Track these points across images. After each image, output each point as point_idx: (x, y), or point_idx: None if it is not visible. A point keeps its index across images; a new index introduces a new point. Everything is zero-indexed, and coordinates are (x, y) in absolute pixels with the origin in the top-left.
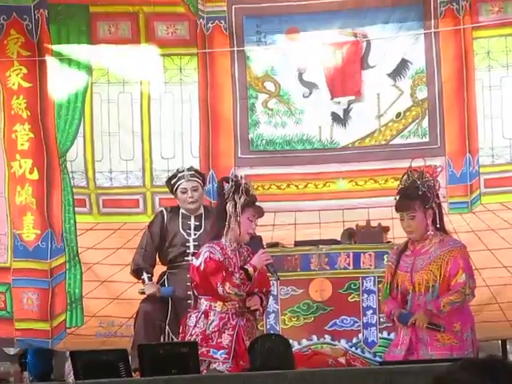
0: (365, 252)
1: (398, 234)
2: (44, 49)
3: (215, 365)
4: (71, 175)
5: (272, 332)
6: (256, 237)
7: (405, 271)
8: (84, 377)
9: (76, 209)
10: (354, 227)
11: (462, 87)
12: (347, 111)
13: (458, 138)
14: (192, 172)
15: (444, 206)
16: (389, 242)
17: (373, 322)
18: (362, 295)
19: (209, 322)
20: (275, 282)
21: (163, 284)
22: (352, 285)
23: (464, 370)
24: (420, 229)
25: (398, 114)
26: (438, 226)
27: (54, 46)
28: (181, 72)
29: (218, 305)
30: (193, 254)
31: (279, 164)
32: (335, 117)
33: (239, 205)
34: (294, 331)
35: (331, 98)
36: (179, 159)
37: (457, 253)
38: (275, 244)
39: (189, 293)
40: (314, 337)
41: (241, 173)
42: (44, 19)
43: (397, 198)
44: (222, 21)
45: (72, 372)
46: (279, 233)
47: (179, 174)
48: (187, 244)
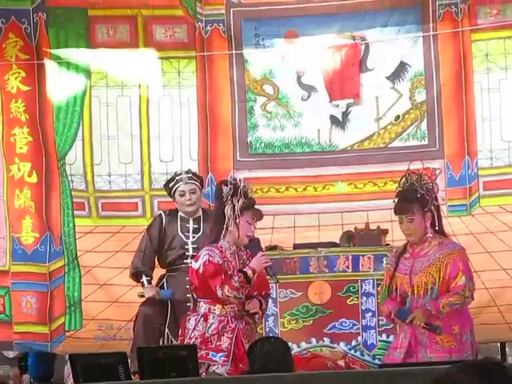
0: (364, 255)
1: (397, 237)
2: (43, 52)
3: (214, 367)
4: (70, 178)
5: (271, 335)
6: (254, 239)
7: (404, 274)
8: (83, 380)
9: (75, 212)
10: (353, 230)
11: (461, 90)
12: (346, 114)
13: (457, 141)
14: (190, 175)
15: (443, 209)
16: (388, 245)
17: (372, 325)
18: (361, 298)
19: (208, 325)
20: (274, 285)
21: (162, 287)
22: (351, 287)
23: (463, 373)
24: (419, 231)
25: (397, 117)
26: (437, 229)
27: (53, 50)
28: (179, 75)
29: (217, 308)
30: (192, 257)
31: (278, 167)
32: (334, 120)
33: (237, 207)
34: (293, 334)
35: (330, 101)
36: (178, 162)
37: (456, 255)
38: (274, 247)
39: (188, 296)
40: (313, 339)
41: (239, 176)
42: (43, 22)
43: (395, 201)
44: (221, 24)
45: (71, 375)
46: (278, 236)
47: (177, 177)
48: (186, 247)
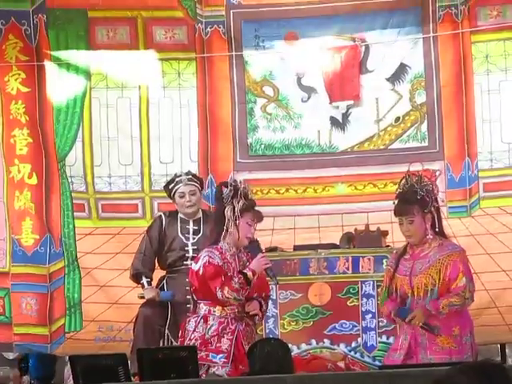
0: (364, 256)
1: (397, 238)
2: (42, 54)
3: (214, 369)
4: (70, 180)
5: (271, 336)
6: (254, 241)
7: (404, 275)
8: (83, 381)
9: (75, 213)
10: (353, 231)
11: (461, 91)
12: (346, 116)
13: (457, 143)
14: (190, 176)
15: (443, 211)
16: (388, 246)
17: (372, 326)
18: (361, 299)
19: (208, 327)
20: (274, 287)
21: (162, 288)
22: (351, 289)
23: (463, 374)
24: (419, 233)
25: (397, 119)
26: (437, 230)
27: (53, 51)
28: (179, 76)
29: (217, 309)
30: (192, 258)
31: (278, 168)
32: (334, 121)
33: (237, 209)
34: (293, 335)
35: (330, 103)
36: (178, 164)
37: (456, 257)
38: (274, 248)
39: (188, 297)
40: (313, 341)
41: (239, 177)
42: (43, 24)
43: (395, 203)
44: (221, 25)
45: (71, 377)
46: (278, 237)
47: (177, 179)
48: (186, 248)
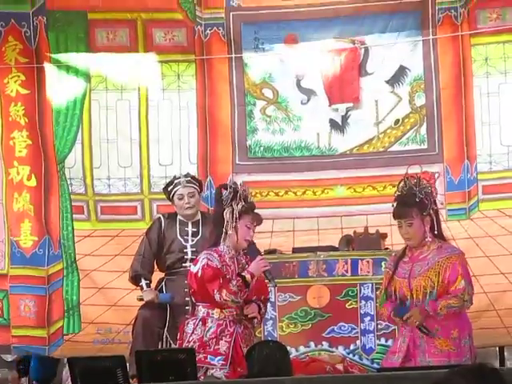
0: (363, 259)
1: (396, 241)
2: (42, 56)
3: (213, 371)
4: (69, 182)
5: (270, 339)
6: (251, 243)
7: (402, 277)
8: (81, 383)
9: (74, 215)
10: (352, 234)
11: (460, 94)
12: (345, 118)
13: (456, 145)
14: (188, 178)
15: (442, 213)
16: (387, 249)
17: (370, 329)
18: (360, 302)
19: (206, 329)
20: (273, 289)
21: (161, 290)
22: (350, 291)
23: (461, 377)
24: (418, 236)
25: (397, 121)
26: (436, 233)
27: (52, 53)
28: (179, 79)
29: (216, 312)
30: (190, 260)
31: (277, 171)
32: (333, 124)
33: (236, 211)
34: (292, 338)
35: (329, 105)
36: (177, 166)
37: (455, 259)
38: (273, 251)
39: (187, 299)
40: (312, 343)
41: (238, 179)
42: (42, 26)
43: (394, 205)
44: (220, 27)
45: (69, 379)
46: (277, 239)
47: (176, 181)
48: (185, 250)
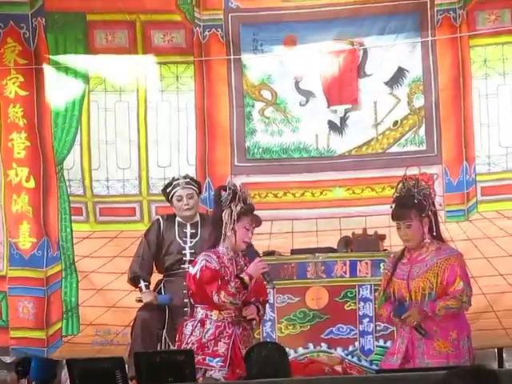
0: (361, 260)
1: (395, 242)
2: (41, 57)
3: (211, 372)
4: (68, 183)
5: (268, 340)
6: (250, 245)
7: (401, 279)
8: None
9: (72, 217)
10: (351, 235)
11: (459, 95)
12: (344, 119)
13: (455, 146)
14: (187, 180)
15: (441, 214)
16: (385, 250)
17: (369, 330)
18: (359, 303)
19: (205, 331)
20: (271, 290)
21: (160, 292)
22: (348, 293)
23: (460, 379)
24: (416, 237)
25: (395, 123)
26: (435, 234)
27: (51, 55)
28: (177, 80)
29: (214, 313)
30: (189, 262)
31: (276, 172)
32: (332, 125)
33: (235, 213)
34: (291, 339)
35: (328, 107)
36: (175, 167)
37: (454, 261)
38: (272, 252)
39: (186, 300)
40: (311, 345)
41: (237, 181)
42: (41, 27)
43: (393, 207)
44: (219, 29)
45: (68, 380)
46: (276, 241)
47: (174, 182)
48: (183, 252)
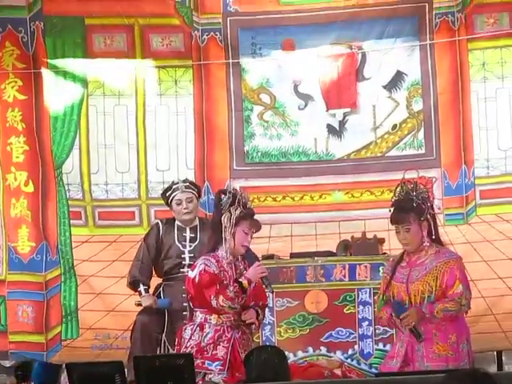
0: (360, 264)
1: (394, 246)
2: (39, 61)
3: (211, 375)
4: (67, 187)
5: (268, 344)
6: (248, 249)
7: (400, 282)
8: None
9: (71, 221)
10: (350, 239)
11: (458, 99)
12: (343, 123)
13: (454, 150)
14: (187, 184)
15: (440, 218)
16: (384, 254)
17: (368, 334)
18: (358, 307)
19: (204, 335)
20: (270, 294)
21: (159, 296)
22: (347, 296)
23: (459, 381)
24: (415, 241)
25: (394, 126)
26: (434, 238)
27: (50, 59)
28: (176, 84)
29: (213, 317)
30: (188, 266)
31: (275, 176)
32: (331, 129)
33: (234, 216)
34: (290, 343)
35: (327, 110)
36: (174, 171)
37: (453, 264)
38: (271, 256)
39: (185, 304)
40: (310, 348)
41: (236, 185)
42: (40, 31)
43: (391, 211)
44: (217, 33)
45: None
46: (275, 245)
47: (174, 186)
48: (182, 256)
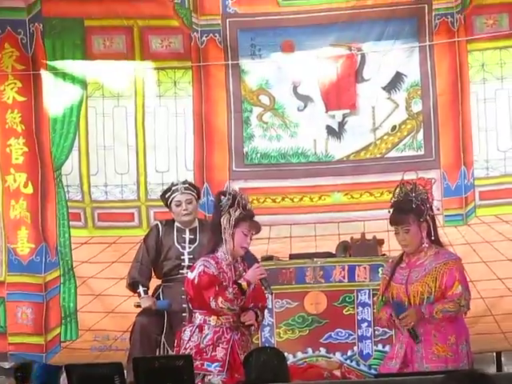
0: (360, 265)
1: (393, 247)
2: (39, 63)
3: (210, 377)
4: (66, 189)
5: (267, 345)
6: (248, 251)
7: (399, 283)
8: None
9: (71, 222)
10: (349, 240)
11: (457, 100)
12: (342, 124)
13: (453, 151)
14: (186, 185)
15: (439, 219)
16: (384, 255)
17: (368, 335)
18: (357, 308)
19: (203, 336)
20: (269, 296)
21: (158, 297)
22: (347, 298)
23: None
24: (415, 242)
25: (394, 127)
26: (433, 239)
27: (49, 61)
28: (175, 85)
29: (212, 319)
30: (188, 267)
31: (274, 177)
32: (330, 130)
33: (233, 218)
34: (289, 344)
35: (326, 112)
36: (173, 173)
37: (452, 265)
38: (270, 257)
39: (184, 306)
40: (309, 350)
41: (235, 186)
42: (39, 33)
43: (391, 212)
44: (217, 34)
45: None
46: (274, 246)
47: (173, 187)
48: (182, 257)
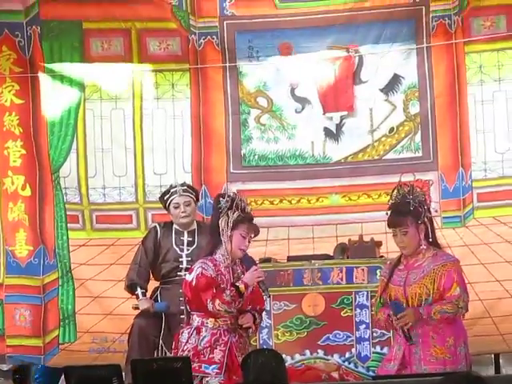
0: (357, 267)
1: (391, 249)
2: (36, 65)
3: (208, 379)
4: (64, 191)
5: (265, 347)
6: (246, 253)
7: (398, 285)
8: None
9: (69, 225)
10: (347, 242)
11: (455, 102)
12: (340, 126)
13: (451, 153)
14: (185, 187)
15: (437, 221)
16: (382, 257)
17: (366, 337)
18: (355, 310)
19: (200, 338)
20: (267, 298)
21: (156, 299)
22: (345, 300)
23: None
24: (413, 244)
25: (391, 129)
26: (431, 241)
27: (47, 63)
28: (173, 88)
29: (210, 321)
30: (186, 269)
31: (272, 179)
32: (328, 132)
33: (231, 220)
34: (287, 346)
35: (324, 114)
36: (171, 175)
37: (450, 267)
38: (268, 259)
39: (182, 308)
40: (307, 352)
41: (233, 188)
42: (36, 36)
43: (388, 214)
44: (214, 36)
45: None
46: (272, 248)
47: (172, 190)
48: (180, 259)
